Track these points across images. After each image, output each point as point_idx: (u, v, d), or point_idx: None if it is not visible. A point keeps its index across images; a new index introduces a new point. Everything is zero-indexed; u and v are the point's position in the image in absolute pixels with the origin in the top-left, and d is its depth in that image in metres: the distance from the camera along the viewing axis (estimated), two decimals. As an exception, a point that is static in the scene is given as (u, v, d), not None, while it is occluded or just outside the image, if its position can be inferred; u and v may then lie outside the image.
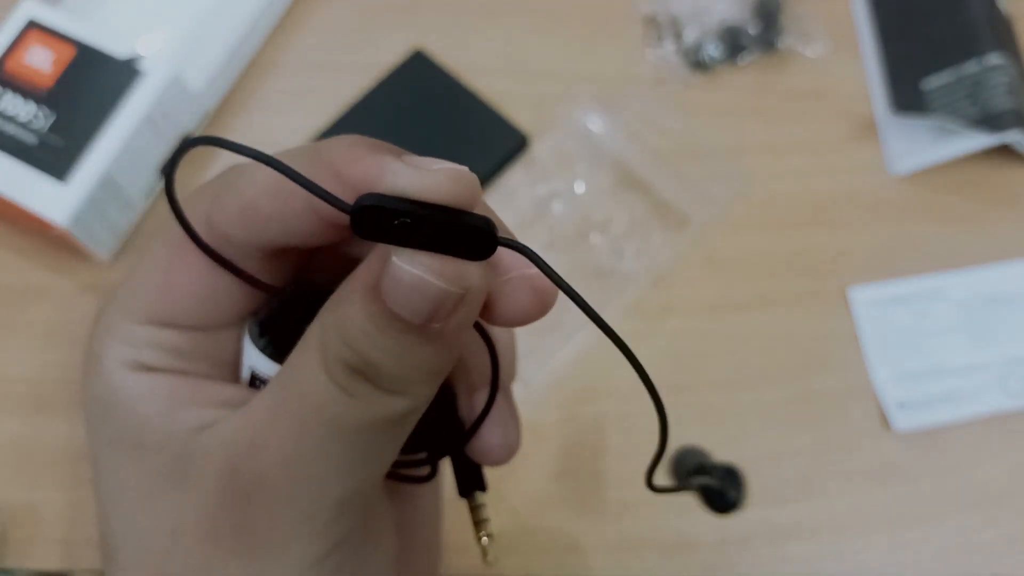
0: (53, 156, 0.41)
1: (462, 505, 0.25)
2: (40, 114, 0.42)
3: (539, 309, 0.20)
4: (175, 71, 0.43)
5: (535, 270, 0.19)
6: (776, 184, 0.49)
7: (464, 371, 0.23)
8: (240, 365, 0.22)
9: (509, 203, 0.47)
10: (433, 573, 0.25)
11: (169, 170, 0.19)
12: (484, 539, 0.24)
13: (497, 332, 0.23)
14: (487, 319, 0.19)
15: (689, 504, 0.41)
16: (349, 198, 0.17)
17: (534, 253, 0.18)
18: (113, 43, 0.43)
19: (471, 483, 0.24)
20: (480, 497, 0.24)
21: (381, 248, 0.17)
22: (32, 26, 0.43)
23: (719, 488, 0.31)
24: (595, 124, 0.48)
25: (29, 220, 0.42)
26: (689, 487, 0.32)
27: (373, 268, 0.17)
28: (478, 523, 0.24)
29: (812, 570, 0.41)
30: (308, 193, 0.17)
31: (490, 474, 0.28)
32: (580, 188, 0.47)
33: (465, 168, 0.17)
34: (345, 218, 0.17)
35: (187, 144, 0.18)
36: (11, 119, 0.42)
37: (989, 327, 0.45)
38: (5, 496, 0.39)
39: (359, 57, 0.50)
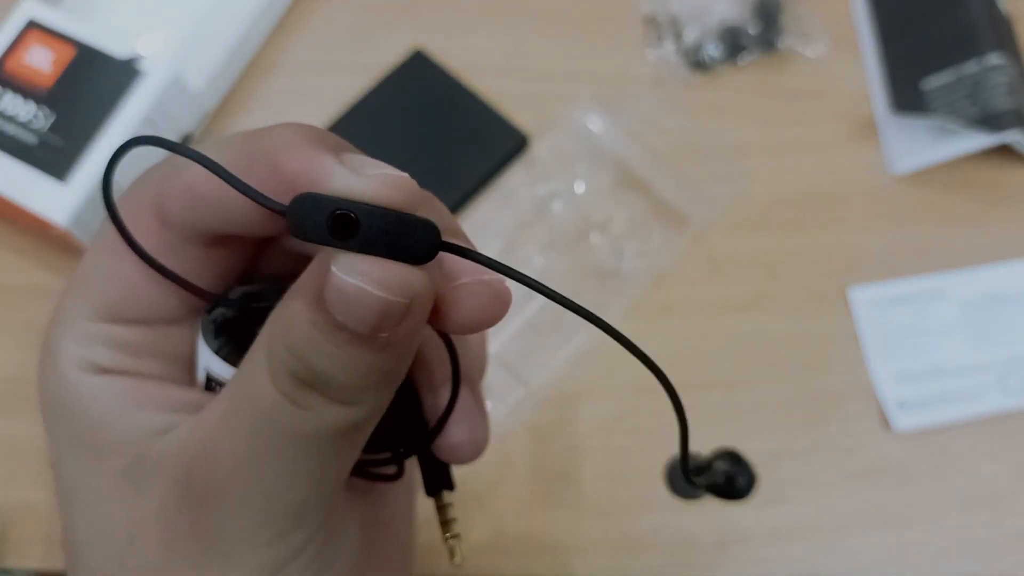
0: (53, 156, 0.41)
1: (460, 504, 0.25)
2: (40, 114, 0.42)
3: (492, 316, 0.19)
4: (175, 71, 0.43)
5: (488, 275, 0.19)
6: (776, 184, 0.49)
7: (427, 367, 0.23)
8: (196, 364, 0.22)
9: (509, 203, 0.47)
10: (407, 571, 0.25)
11: (107, 172, 0.18)
12: (451, 540, 0.24)
13: None
14: (439, 327, 0.19)
15: (689, 504, 0.41)
16: (286, 194, 0.17)
17: (484, 257, 0.17)
18: (113, 43, 0.43)
19: (438, 482, 0.24)
20: (447, 496, 0.24)
21: (324, 254, 0.17)
22: (32, 26, 0.43)
23: (729, 476, 0.31)
24: (595, 124, 0.48)
25: (29, 220, 0.42)
26: (702, 489, 0.32)
27: (316, 275, 0.17)
28: (445, 523, 0.24)
29: (812, 570, 0.41)
30: (249, 175, 0.17)
31: (491, 474, 0.27)
32: (580, 188, 0.47)
33: (405, 175, 0.17)
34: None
35: (126, 145, 0.17)
36: (11, 119, 0.42)
37: (989, 327, 0.45)
38: (5, 496, 0.39)
39: (359, 57, 0.50)
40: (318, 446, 0.18)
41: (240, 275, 0.22)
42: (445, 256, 0.18)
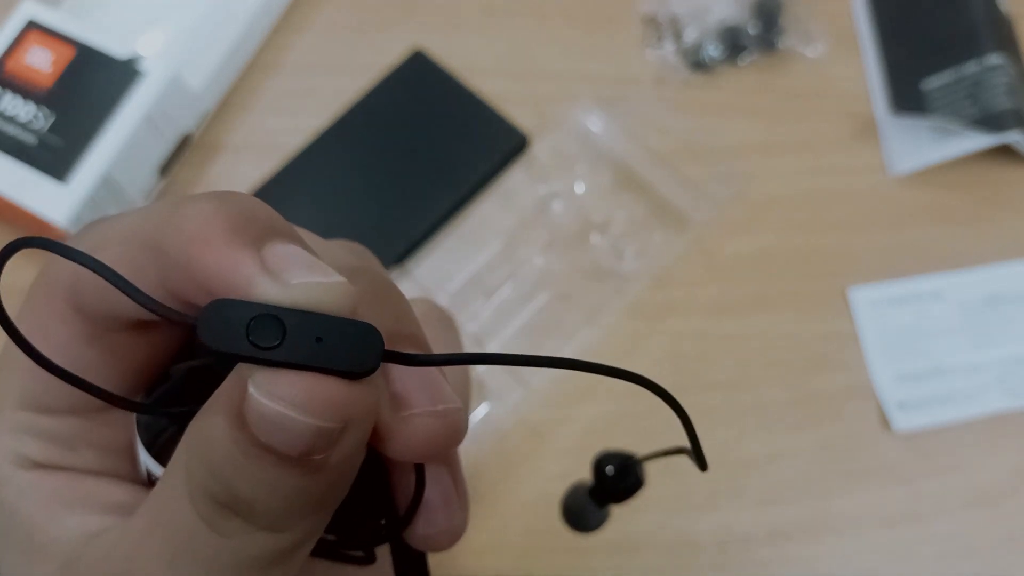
0: (53, 156, 0.41)
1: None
2: (40, 114, 0.42)
3: (443, 449, 0.17)
4: (175, 71, 0.43)
5: (443, 404, 0.17)
6: (776, 184, 0.49)
7: None
8: (137, 455, 0.19)
9: (509, 203, 0.47)
10: None
11: None
12: None
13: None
14: (380, 450, 0.17)
15: (689, 504, 0.41)
16: (201, 294, 0.15)
17: (441, 357, 0.15)
18: (113, 43, 0.43)
19: (411, 573, 0.21)
20: None
21: (243, 366, 0.15)
22: (32, 26, 0.43)
23: (620, 476, 0.30)
24: (595, 124, 0.48)
25: (29, 220, 0.42)
26: (607, 509, 0.31)
27: (237, 387, 0.14)
28: None
29: (812, 570, 0.41)
30: (160, 269, 0.15)
31: (491, 474, 0.27)
32: (580, 188, 0.47)
33: (340, 280, 0.15)
34: None
35: (11, 248, 0.15)
36: (11, 119, 0.42)
37: (989, 327, 0.45)
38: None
39: (359, 57, 0.50)
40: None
41: (179, 350, 0.19)
42: (395, 373, 0.16)
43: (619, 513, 0.41)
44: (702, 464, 0.20)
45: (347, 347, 0.14)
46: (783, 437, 0.43)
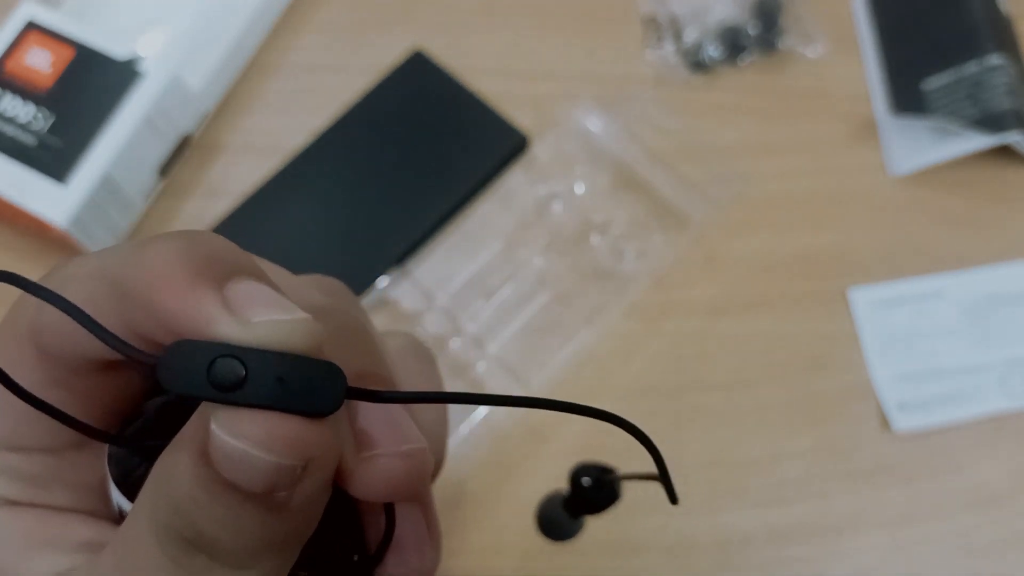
0: (53, 157, 0.41)
1: (460, 504, 0.25)
2: (39, 115, 0.42)
3: (409, 492, 0.17)
4: (175, 71, 0.43)
5: (408, 445, 0.17)
6: (776, 184, 0.49)
7: None
8: (110, 492, 0.19)
9: (509, 204, 0.47)
10: None
11: None
12: None
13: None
14: (345, 489, 0.17)
15: (689, 504, 0.41)
16: (165, 335, 0.15)
17: (404, 394, 0.15)
18: (112, 44, 0.43)
19: None
20: None
21: (206, 404, 0.15)
22: (31, 27, 0.43)
23: (596, 487, 0.30)
24: (595, 124, 0.48)
25: (29, 221, 0.42)
26: (583, 519, 0.31)
27: (201, 425, 0.15)
28: None
29: (812, 570, 0.41)
30: (124, 309, 0.15)
31: (491, 474, 0.27)
32: (580, 189, 0.47)
33: (304, 317, 0.15)
34: None
35: None
36: (11, 120, 0.42)
37: (989, 328, 0.45)
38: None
39: (359, 57, 0.50)
40: None
41: (152, 386, 0.19)
42: (360, 413, 0.16)
43: (619, 514, 0.41)
44: (672, 497, 0.20)
45: (308, 387, 0.14)
46: (783, 437, 0.43)
